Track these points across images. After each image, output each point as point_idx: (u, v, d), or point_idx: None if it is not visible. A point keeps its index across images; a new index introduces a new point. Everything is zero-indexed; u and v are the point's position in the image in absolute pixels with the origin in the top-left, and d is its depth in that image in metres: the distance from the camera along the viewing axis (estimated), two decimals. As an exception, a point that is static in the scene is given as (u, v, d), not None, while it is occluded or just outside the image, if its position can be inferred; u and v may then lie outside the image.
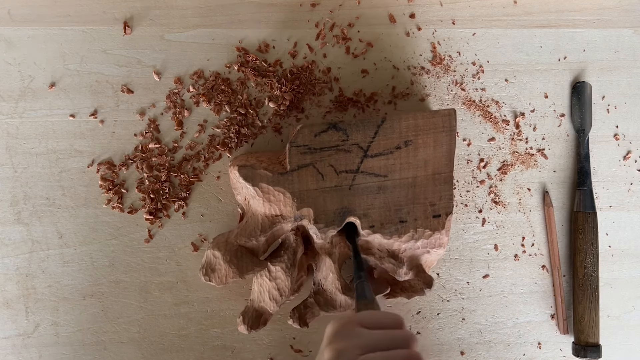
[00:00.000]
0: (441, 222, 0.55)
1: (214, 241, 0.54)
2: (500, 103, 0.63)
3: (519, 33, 0.63)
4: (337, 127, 0.53)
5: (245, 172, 0.53)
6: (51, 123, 0.59)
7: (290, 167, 0.53)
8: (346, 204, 0.53)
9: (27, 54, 0.59)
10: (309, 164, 0.53)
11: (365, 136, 0.53)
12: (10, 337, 0.58)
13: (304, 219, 0.53)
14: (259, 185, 0.53)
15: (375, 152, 0.53)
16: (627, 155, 0.63)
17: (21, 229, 0.58)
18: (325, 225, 0.53)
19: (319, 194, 0.53)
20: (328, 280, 0.54)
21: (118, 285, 0.58)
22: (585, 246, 0.60)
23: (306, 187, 0.53)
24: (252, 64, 0.60)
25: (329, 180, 0.53)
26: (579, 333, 0.59)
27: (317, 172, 0.53)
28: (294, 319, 0.55)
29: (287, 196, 0.53)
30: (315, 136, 0.53)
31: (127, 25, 0.60)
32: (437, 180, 0.54)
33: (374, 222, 0.54)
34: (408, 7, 0.63)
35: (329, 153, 0.53)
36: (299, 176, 0.53)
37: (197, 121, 0.60)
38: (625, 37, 0.64)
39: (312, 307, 0.55)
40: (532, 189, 0.62)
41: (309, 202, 0.53)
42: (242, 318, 0.54)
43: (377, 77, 0.62)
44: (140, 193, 0.59)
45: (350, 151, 0.53)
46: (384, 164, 0.54)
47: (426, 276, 0.55)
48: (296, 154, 0.53)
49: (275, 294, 0.53)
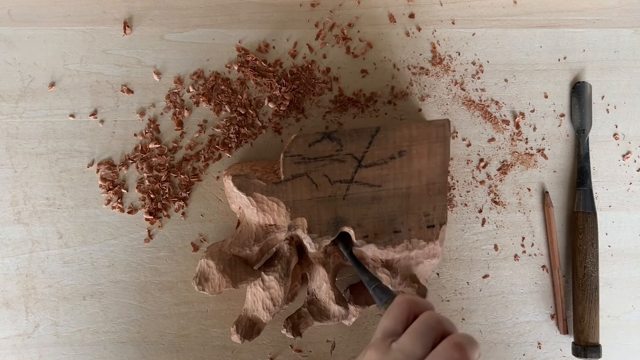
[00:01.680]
0: (435, 233, 0.55)
1: (208, 250, 0.53)
2: (500, 103, 0.63)
3: (519, 33, 0.63)
4: (331, 137, 0.53)
5: (239, 181, 0.53)
6: (51, 123, 0.59)
7: (285, 177, 0.53)
8: (340, 214, 0.53)
9: (27, 54, 0.59)
10: (303, 174, 0.53)
11: (360, 146, 0.53)
12: (10, 337, 0.58)
13: (297, 228, 0.53)
14: (253, 195, 0.52)
15: (369, 162, 0.53)
16: (627, 155, 0.63)
17: (21, 229, 0.58)
18: (319, 235, 0.53)
19: (313, 204, 0.53)
20: (322, 290, 0.54)
21: (118, 286, 0.58)
22: (585, 246, 0.60)
23: (300, 197, 0.53)
24: (252, 64, 0.61)
25: (323, 190, 0.53)
26: (578, 333, 0.59)
27: (311, 182, 0.53)
28: (288, 328, 0.55)
29: (281, 206, 0.53)
30: (309, 146, 0.53)
31: (127, 25, 0.60)
32: (431, 190, 0.54)
33: (367, 232, 0.54)
34: (408, 7, 0.63)
35: (323, 163, 0.53)
36: (293, 186, 0.53)
37: (197, 121, 0.60)
38: (625, 37, 0.64)
39: (306, 316, 0.55)
40: (532, 189, 0.62)
41: (303, 212, 0.53)
42: (235, 327, 0.54)
43: (377, 77, 0.62)
44: (140, 193, 0.59)
45: (345, 161, 0.53)
46: (378, 174, 0.54)
47: (420, 286, 0.55)
48: (290, 164, 0.53)
49: (268, 303, 0.53)
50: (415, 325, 0.39)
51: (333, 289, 0.54)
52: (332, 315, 0.54)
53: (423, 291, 0.55)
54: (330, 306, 0.54)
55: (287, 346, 0.59)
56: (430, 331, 0.38)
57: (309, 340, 0.60)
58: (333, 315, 0.54)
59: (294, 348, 0.59)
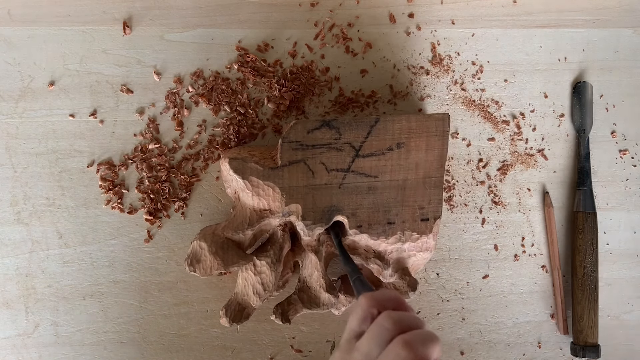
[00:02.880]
0: (429, 226, 0.55)
1: (201, 232, 0.54)
2: (500, 103, 0.63)
3: (518, 33, 0.63)
4: (330, 125, 0.53)
5: (236, 164, 0.53)
6: (51, 123, 0.59)
7: (282, 162, 0.53)
8: (335, 203, 0.54)
9: (27, 54, 0.59)
10: (300, 160, 0.53)
11: (358, 136, 0.53)
12: (10, 337, 0.58)
13: (291, 215, 0.53)
14: (249, 179, 0.53)
15: (367, 152, 0.53)
16: (625, 151, 0.63)
17: (21, 229, 0.58)
18: (313, 222, 0.53)
19: (309, 191, 0.53)
20: (313, 278, 0.54)
21: (118, 286, 0.58)
22: (585, 246, 0.60)
23: (296, 183, 0.53)
24: (252, 64, 0.60)
25: (319, 177, 0.53)
26: (577, 333, 0.59)
27: (307, 168, 0.53)
28: (277, 314, 0.54)
29: (277, 191, 0.53)
30: (308, 133, 0.53)
31: (126, 25, 0.60)
32: (427, 183, 0.55)
33: (361, 222, 0.54)
34: (408, 7, 0.62)
35: (321, 150, 0.53)
36: (289, 172, 0.53)
37: (196, 121, 0.60)
38: (625, 37, 0.64)
39: (296, 303, 0.55)
40: (532, 189, 0.62)
41: (298, 199, 0.53)
42: (224, 311, 0.54)
43: (376, 76, 0.62)
44: (140, 193, 0.59)
45: (342, 150, 0.53)
46: (375, 164, 0.54)
47: (411, 279, 0.55)
48: (288, 150, 0.53)
49: (259, 288, 0.53)
50: (372, 326, 0.39)
51: (324, 277, 0.54)
52: (322, 303, 0.54)
53: (414, 284, 0.55)
54: (320, 294, 0.54)
55: (287, 346, 0.59)
56: (384, 332, 0.38)
57: (309, 340, 0.60)
58: (323, 303, 0.54)
59: (294, 348, 0.60)
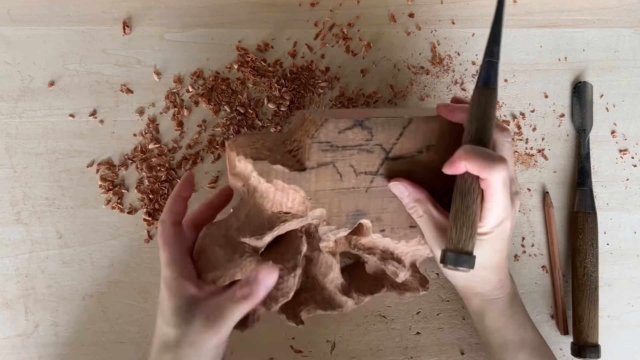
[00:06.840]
0: None
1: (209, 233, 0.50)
2: (500, 103, 0.63)
3: (519, 33, 0.63)
4: (363, 124, 0.48)
5: (261, 167, 0.47)
6: (51, 123, 0.59)
7: (309, 165, 0.48)
8: (360, 207, 0.50)
9: (27, 54, 0.59)
10: (330, 163, 0.49)
11: (390, 137, 0.49)
12: (9, 338, 0.58)
13: (314, 219, 0.50)
14: (274, 182, 0.48)
15: (396, 155, 0.50)
16: (625, 151, 0.63)
17: (21, 229, 0.58)
18: (337, 227, 0.50)
19: (335, 195, 0.49)
20: (327, 279, 0.53)
21: (118, 286, 0.58)
22: (585, 246, 0.60)
23: (323, 187, 0.49)
24: (252, 63, 0.60)
25: (347, 181, 0.49)
26: (577, 333, 0.59)
27: (336, 171, 0.49)
28: (289, 316, 0.52)
29: (301, 194, 0.49)
30: (339, 133, 0.48)
31: (126, 25, 0.60)
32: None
33: (385, 227, 0.51)
34: (408, 7, 0.62)
35: (351, 152, 0.49)
36: (317, 175, 0.48)
37: (196, 121, 0.60)
38: (625, 37, 0.64)
39: (308, 304, 0.52)
40: (532, 189, 0.62)
41: (324, 203, 0.49)
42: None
43: (377, 76, 0.62)
44: (140, 193, 0.59)
45: (373, 152, 0.49)
46: (405, 168, 0.50)
47: (421, 276, 0.55)
48: (317, 151, 0.48)
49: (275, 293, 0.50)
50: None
51: (340, 279, 0.52)
52: (338, 305, 0.52)
53: (424, 281, 0.54)
54: (336, 296, 0.52)
55: (287, 346, 0.59)
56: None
57: (309, 340, 0.60)
58: (339, 305, 0.52)
59: (294, 348, 0.59)
